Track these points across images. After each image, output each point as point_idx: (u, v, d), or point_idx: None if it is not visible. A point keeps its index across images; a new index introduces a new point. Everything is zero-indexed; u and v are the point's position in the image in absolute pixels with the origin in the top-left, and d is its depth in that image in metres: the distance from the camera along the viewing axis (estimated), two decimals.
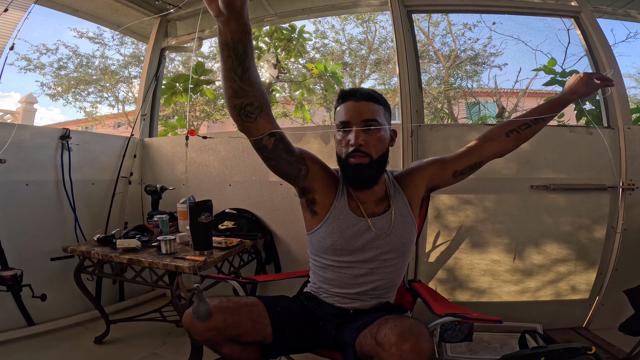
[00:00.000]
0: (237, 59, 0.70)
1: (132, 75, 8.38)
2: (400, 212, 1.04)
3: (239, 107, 0.77)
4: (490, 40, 6.21)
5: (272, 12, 2.43)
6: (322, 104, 7.48)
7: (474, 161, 1.07)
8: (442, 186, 1.10)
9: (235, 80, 0.72)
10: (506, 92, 6.10)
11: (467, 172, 1.08)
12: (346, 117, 0.97)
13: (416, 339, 0.74)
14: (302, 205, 1.08)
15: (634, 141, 1.72)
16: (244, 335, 0.91)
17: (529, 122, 1.05)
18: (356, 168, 0.96)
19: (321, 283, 1.07)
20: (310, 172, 0.99)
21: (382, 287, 1.04)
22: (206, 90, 3.21)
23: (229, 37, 0.67)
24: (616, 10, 2.06)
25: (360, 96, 0.98)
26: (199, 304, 0.86)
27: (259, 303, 0.97)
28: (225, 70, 0.72)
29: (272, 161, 0.90)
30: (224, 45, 0.68)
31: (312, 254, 1.10)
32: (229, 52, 0.69)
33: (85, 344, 1.65)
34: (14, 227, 1.69)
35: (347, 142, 0.97)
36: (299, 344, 0.99)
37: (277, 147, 0.88)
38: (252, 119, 0.80)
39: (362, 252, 1.01)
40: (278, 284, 1.91)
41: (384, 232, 1.01)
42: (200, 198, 1.54)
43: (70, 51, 7.81)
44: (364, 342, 0.84)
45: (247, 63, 0.71)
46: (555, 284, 1.79)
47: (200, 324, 0.87)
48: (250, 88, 0.75)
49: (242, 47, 0.69)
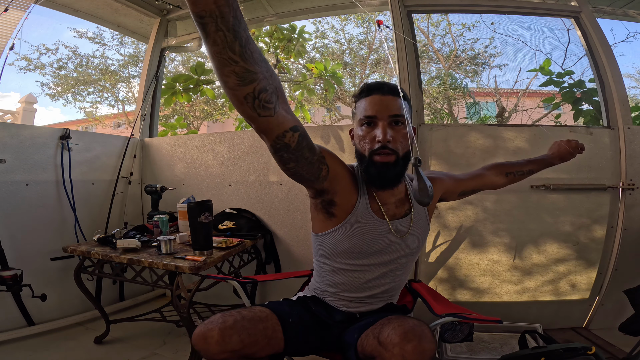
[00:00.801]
0: (230, 31, 0.53)
1: (132, 75, 8.39)
2: (419, 217, 1.02)
3: (251, 97, 0.60)
4: (492, 40, 6.22)
5: (272, 12, 2.43)
6: (322, 104, 7.48)
7: (477, 187, 1.21)
8: (448, 200, 1.20)
9: (235, 60, 0.55)
10: (506, 92, 6.11)
11: (469, 194, 1.22)
12: (372, 112, 0.91)
13: (419, 339, 0.73)
14: (315, 206, 1.00)
15: (634, 141, 1.72)
16: (259, 352, 0.85)
17: (525, 172, 1.26)
18: (383, 167, 0.90)
19: (327, 287, 1.04)
20: (331, 172, 0.89)
21: (391, 290, 1.03)
22: (206, 90, 3.21)
23: (210, 2, 0.50)
24: (616, 10, 2.06)
25: (387, 90, 0.92)
26: (420, 181, 0.69)
27: (272, 316, 0.91)
28: (217, 53, 0.54)
29: (291, 162, 0.77)
30: (207, 17, 0.51)
31: (319, 256, 1.04)
32: (216, 23, 0.51)
33: (85, 344, 1.65)
34: (14, 227, 1.69)
35: (372, 137, 0.90)
36: (307, 348, 0.98)
37: (300, 145, 0.74)
38: (271, 109, 0.64)
39: (380, 255, 0.98)
40: (278, 284, 1.92)
41: (403, 235, 0.99)
42: (200, 198, 1.54)
43: (70, 51, 7.83)
44: (366, 342, 0.83)
45: (242, 33, 0.54)
46: (555, 284, 1.79)
47: (216, 346, 0.79)
48: (258, 67, 0.58)
49: (231, 13, 0.51)
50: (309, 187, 0.94)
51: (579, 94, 2.48)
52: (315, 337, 0.99)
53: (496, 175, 1.22)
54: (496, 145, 1.77)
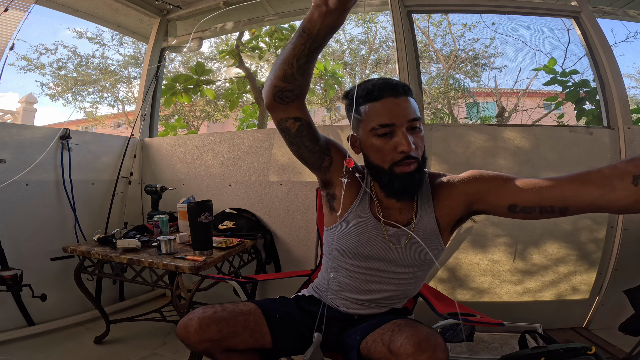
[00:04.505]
0: (309, 50, 0.67)
1: (132, 75, 8.39)
2: (423, 228, 0.90)
3: (278, 89, 0.75)
4: (493, 40, 6.23)
5: (272, 12, 2.43)
6: (322, 104, 7.48)
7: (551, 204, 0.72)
8: (491, 213, 0.84)
9: (292, 65, 0.70)
10: (506, 92, 6.11)
11: (533, 214, 0.75)
12: (389, 119, 0.81)
13: (433, 350, 0.72)
14: (322, 199, 1.02)
15: (634, 141, 1.72)
16: (241, 344, 0.88)
17: None
18: (408, 177, 0.83)
19: (332, 284, 1.02)
20: (334, 164, 0.90)
21: (395, 297, 0.99)
22: (206, 91, 3.22)
23: (316, 29, 0.63)
24: (616, 10, 2.06)
25: (402, 91, 0.84)
26: (314, 354, 0.80)
27: (256, 310, 0.92)
28: (288, 55, 0.69)
29: (294, 145, 0.86)
30: (306, 33, 0.65)
31: (326, 251, 1.03)
32: (306, 40, 0.65)
33: (85, 344, 1.65)
34: (14, 227, 1.69)
35: (391, 147, 0.82)
36: (299, 346, 0.97)
37: (300, 133, 0.83)
38: (285, 102, 0.77)
39: (377, 261, 0.93)
40: (278, 284, 1.92)
41: (398, 244, 0.91)
42: (200, 198, 1.54)
43: (69, 51, 7.82)
44: (373, 348, 0.81)
45: (314, 56, 0.69)
46: (555, 284, 1.79)
47: (195, 335, 0.83)
48: (302, 78, 0.73)
49: (321, 41, 0.66)
50: (316, 174, 0.97)
51: (582, 93, 2.48)
52: (310, 334, 0.97)
53: (609, 186, 0.65)
54: (496, 146, 1.77)
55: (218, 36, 3.58)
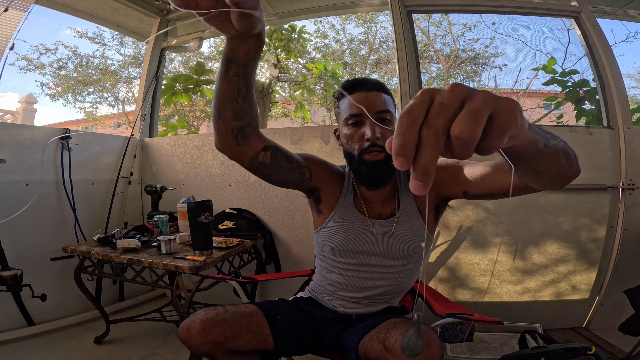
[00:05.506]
0: (245, 77, 0.62)
1: (132, 75, 8.39)
2: (407, 217, 0.96)
3: (237, 130, 0.69)
4: (493, 40, 6.23)
5: (272, 12, 2.43)
6: (322, 104, 7.48)
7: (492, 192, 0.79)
8: (454, 198, 0.92)
9: (237, 100, 0.64)
10: (506, 92, 6.11)
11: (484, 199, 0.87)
12: (358, 109, 0.89)
13: (427, 345, 0.73)
14: (310, 205, 1.05)
15: (634, 141, 1.72)
16: (243, 346, 0.87)
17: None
18: (374, 165, 0.89)
19: (327, 285, 1.04)
20: (314, 173, 0.94)
21: (390, 292, 1.00)
22: (206, 91, 3.22)
23: (242, 54, 0.58)
24: (616, 10, 2.06)
25: (371, 86, 0.91)
26: (416, 340, 0.77)
27: (257, 312, 0.92)
28: (226, 92, 0.63)
29: (274, 175, 0.84)
30: (233, 63, 0.60)
31: (317, 254, 1.06)
32: (238, 70, 0.60)
33: (85, 344, 1.65)
34: (14, 227, 1.69)
35: (360, 136, 0.89)
36: (300, 347, 0.98)
37: (275, 158, 0.81)
38: (248, 139, 0.72)
39: (368, 256, 0.96)
40: (278, 284, 1.92)
41: (385, 235, 0.95)
42: (200, 198, 1.54)
43: (70, 51, 7.83)
44: (369, 346, 0.82)
45: (252, 80, 0.64)
46: (555, 284, 1.79)
47: (198, 337, 0.83)
48: (250, 107, 0.67)
49: (253, 64, 0.61)
50: (301, 190, 0.98)
51: (582, 93, 2.48)
52: (311, 336, 0.99)
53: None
54: None
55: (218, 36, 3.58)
